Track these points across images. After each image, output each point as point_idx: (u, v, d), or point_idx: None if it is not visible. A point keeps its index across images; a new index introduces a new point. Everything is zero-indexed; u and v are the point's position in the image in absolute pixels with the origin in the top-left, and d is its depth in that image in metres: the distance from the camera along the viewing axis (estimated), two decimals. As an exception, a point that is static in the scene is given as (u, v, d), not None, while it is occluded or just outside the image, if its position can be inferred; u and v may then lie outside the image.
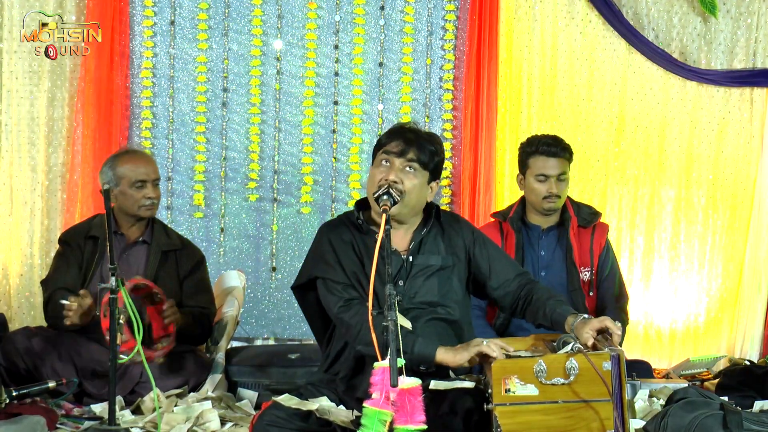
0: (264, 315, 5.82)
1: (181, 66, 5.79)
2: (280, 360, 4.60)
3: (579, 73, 5.81)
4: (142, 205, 4.34)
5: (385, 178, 3.22)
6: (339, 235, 3.33)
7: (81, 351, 4.18)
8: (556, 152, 4.35)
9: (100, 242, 4.29)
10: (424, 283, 3.29)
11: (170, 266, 4.41)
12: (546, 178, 4.34)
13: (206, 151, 5.81)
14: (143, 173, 4.34)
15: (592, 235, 4.46)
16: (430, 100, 5.89)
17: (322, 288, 3.29)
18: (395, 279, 3.25)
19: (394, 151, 3.25)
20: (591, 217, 4.49)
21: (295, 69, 5.85)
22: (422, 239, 3.33)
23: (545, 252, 4.42)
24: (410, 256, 3.31)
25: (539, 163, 4.36)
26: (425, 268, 3.30)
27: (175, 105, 5.80)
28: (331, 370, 3.35)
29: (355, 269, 3.26)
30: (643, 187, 5.83)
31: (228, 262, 5.77)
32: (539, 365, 2.83)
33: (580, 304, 4.33)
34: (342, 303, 3.21)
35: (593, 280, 4.43)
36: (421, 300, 3.28)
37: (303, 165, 5.86)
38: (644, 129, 5.83)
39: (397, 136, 3.29)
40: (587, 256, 4.43)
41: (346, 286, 3.24)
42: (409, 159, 3.25)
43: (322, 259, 3.31)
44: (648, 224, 5.83)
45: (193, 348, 4.41)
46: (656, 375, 4.90)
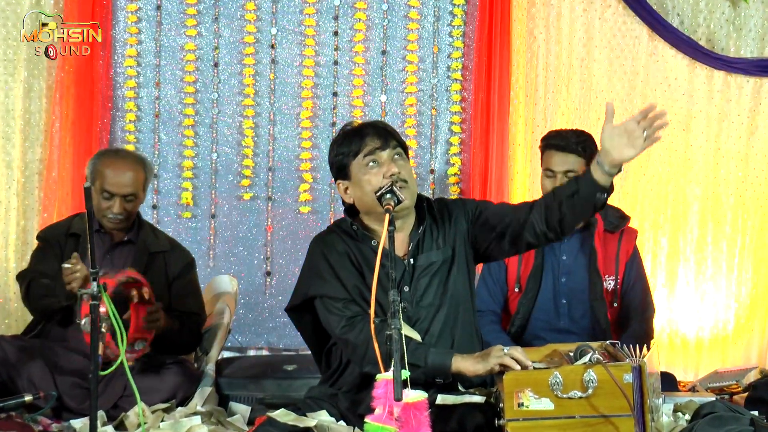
0: (258, 323, 5.81)
1: (168, 54, 5.79)
2: (276, 371, 4.60)
3: (598, 62, 5.80)
4: (104, 216, 4.32)
5: (389, 174, 3.23)
6: (332, 247, 3.34)
7: (60, 362, 4.17)
8: (564, 146, 4.29)
9: (82, 240, 4.28)
10: (429, 283, 3.31)
11: (158, 269, 4.40)
12: (553, 174, 4.32)
13: (195, 146, 5.81)
14: (114, 184, 4.28)
15: (619, 240, 4.43)
16: (437, 91, 5.89)
17: (321, 308, 3.30)
18: (399, 285, 3.26)
19: (377, 146, 3.27)
20: (618, 221, 4.46)
21: (292, 57, 5.85)
22: (419, 239, 3.34)
23: (567, 256, 4.40)
24: (411, 258, 3.32)
25: (549, 157, 4.35)
26: (428, 267, 3.32)
27: (162, 96, 5.80)
28: (336, 385, 3.35)
29: (355, 281, 3.27)
30: (667, 185, 5.82)
31: (219, 266, 5.77)
32: (555, 377, 2.82)
33: (602, 315, 4.32)
34: (344, 323, 3.22)
35: (617, 290, 4.41)
36: (429, 302, 3.29)
37: (300, 161, 5.86)
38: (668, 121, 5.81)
39: (365, 134, 3.32)
40: (612, 264, 4.41)
41: (347, 302, 3.25)
42: (393, 146, 3.30)
43: (317, 275, 3.31)
44: (672, 225, 5.83)
45: (181, 358, 4.40)
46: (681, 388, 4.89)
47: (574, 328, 4.36)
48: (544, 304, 4.39)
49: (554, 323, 4.37)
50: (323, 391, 3.37)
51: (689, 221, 5.84)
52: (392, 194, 3.13)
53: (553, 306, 4.39)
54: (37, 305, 4.21)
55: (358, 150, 3.30)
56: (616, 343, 3.15)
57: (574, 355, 3.05)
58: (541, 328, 4.37)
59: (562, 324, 4.38)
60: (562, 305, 4.38)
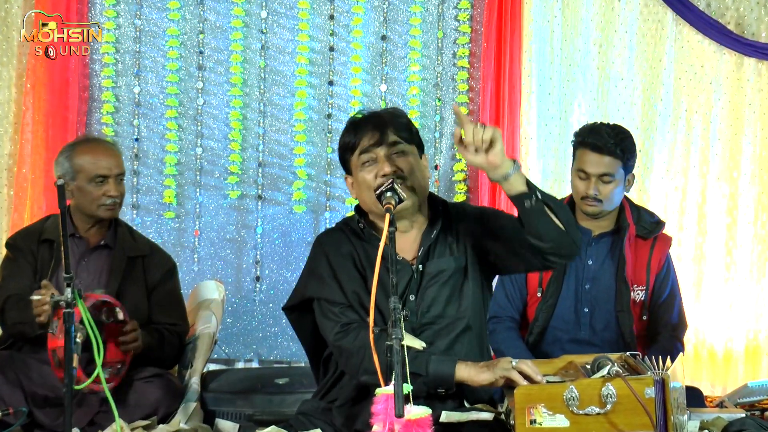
0: (246, 333, 5.82)
1: (149, 40, 5.80)
2: (266, 386, 4.60)
3: (617, 48, 5.81)
4: (101, 204, 4.33)
5: (381, 174, 3.22)
6: (336, 247, 3.33)
7: (32, 375, 4.17)
8: (602, 147, 4.25)
9: (56, 246, 4.29)
10: (438, 292, 3.29)
11: (137, 275, 4.40)
12: (587, 176, 4.29)
13: (178, 140, 5.82)
14: (105, 167, 4.34)
15: (652, 248, 4.41)
16: (442, 80, 5.89)
17: (318, 311, 3.30)
18: (404, 294, 3.25)
19: (371, 143, 3.26)
20: (652, 226, 4.44)
21: (284, 43, 5.86)
22: (431, 243, 3.33)
23: (593, 261, 4.39)
24: (420, 264, 3.31)
25: (583, 156, 4.31)
26: (438, 275, 3.30)
27: (142, 85, 5.80)
28: (328, 397, 3.35)
29: (355, 287, 3.26)
30: (692, 182, 5.83)
31: (204, 271, 5.77)
32: (570, 392, 2.82)
33: (627, 328, 4.31)
34: (338, 329, 3.22)
35: (647, 303, 4.40)
36: (437, 313, 3.28)
37: (293, 156, 5.86)
38: (693, 113, 5.83)
39: (363, 128, 3.30)
40: (643, 273, 4.40)
41: (344, 307, 3.25)
42: (391, 143, 3.26)
43: (317, 275, 3.31)
44: (698, 225, 5.83)
45: (163, 371, 4.40)
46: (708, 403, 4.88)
47: (595, 339, 4.35)
48: (565, 311, 4.38)
49: (574, 333, 4.36)
50: (316, 405, 3.37)
51: (716, 221, 5.84)
52: (393, 192, 3.11)
53: (573, 314, 4.38)
54: (12, 330, 4.23)
55: (354, 146, 3.30)
56: (637, 355, 3.15)
57: (591, 367, 3.04)
58: (560, 338, 4.36)
59: (582, 335, 4.37)
60: (584, 314, 4.37)
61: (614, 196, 4.31)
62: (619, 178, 4.28)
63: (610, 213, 4.38)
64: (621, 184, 4.31)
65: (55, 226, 4.34)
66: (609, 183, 4.27)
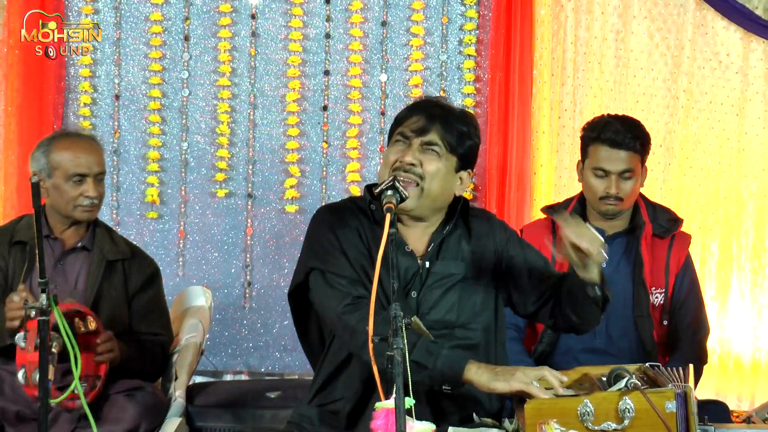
0: (236, 342, 5.82)
1: (130, 26, 5.80)
2: (256, 400, 4.60)
3: (636, 35, 5.81)
4: (78, 205, 4.33)
5: (399, 159, 3.24)
6: (342, 219, 3.34)
7: (3, 388, 4.17)
8: (622, 142, 4.27)
9: (29, 248, 4.29)
10: (442, 296, 3.30)
11: (116, 280, 4.40)
12: (606, 174, 4.30)
13: (162, 134, 5.82)
14: (84, 164, 4.33)
15: (670, 247, 4.42)
16: (447, 70, 5.89)
17: (320, 282, 3.28)
18: (407, 288, 3.26)
19: (413, 128, 3.29)
20: (670, 224, 4.45)
21: (276, 29, 5.86)
22: (443, 241, 3.33)
23: (607, 264, 4.37)
24: (427, 261, 3.31)
25: (600, 153, 4.31)
26: (444, 278, 3.31)
27: (123, 75, 5.80)
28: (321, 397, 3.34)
29: (363, 261, 3.27)
30: (718, 180, 5.83)
31: (190, 276, 5.77)
32: (585, 406, 2.83)
33: (647, 335, 4.31)
34: (349, 300, 3.20)
35: (667, 306, 4.41)
36: (438, 318, 3.28)
37: (286, 151, 5.86)
38: (719, 106, 5.83)
39: (418, 111, 3.34)
40: (661, 275, 4.41)
41: (353, 281, 3.24)
42: (429, 139, 3.28)
43: (322, 247, 3.31)
44: (724, 227, 5.83)
45: (145, 384, 4.41)
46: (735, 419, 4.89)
47: (612, 349, 4.35)
48: None
49: (589, 342, 4.36)
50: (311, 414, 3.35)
51: (744, 222, 5.84)
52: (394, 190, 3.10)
53: None
54: None
55: (400, 122, 3.36)
56: (657, 366, 3.15)
57: (607, 379, 3.05)
58: (573, 348, 4.37)
59: (598, 343, 4.37)
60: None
61: (634, 193, 4.34)
62: (638, 174, 4.31)
63: (627, 211, 4.39)
64: (639, 179, 4.34)
65: (28, 226, 4.34)
66: (629, 179, 4.30)
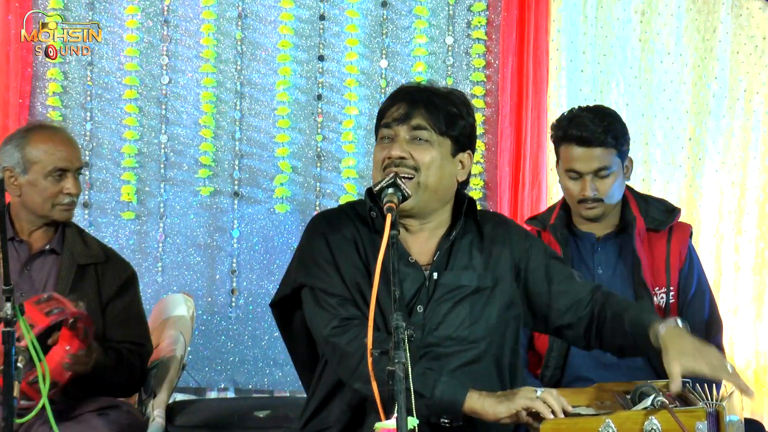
0: (220, 356, 5.82)
1: (104, 7, 5.80)
2: (243, 419, 4.61)
3: (663, 16, 5.81)
4: (58, 203, 4.33)
5: (387, 156, 3.23)
6: (338, 230, 3.33)
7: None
8: (591, 138, 4.25)
9: (-6, 251, 4.30)
10: (451, 310, 3.29)
11: (88, 285, 4.40)
12: (579, 176, 4.30)
13: (139, 126, 5.83)
14: (65, 158, 4.32)
15: (668, 240, 4.42)
16: (454, 55, 5.90)
17: (310, 300, 3.29)
18: (412, 303, 3.25)
19: (396, 117, 3.28)
20: (665, 216, 4.44)
21: (265, 10, 5.87)
22: (451, 248, 3.32)
23: (603, 269, 4.40)
24: (434, 272, 3.30)
25: (570, 153, 4.30)
26: (454, 290, 3.29)
27: (95, 62, 5.80)
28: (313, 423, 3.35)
29: (358, 278, 3.26)
30: (752, 177, 5.83)
31: (170, 282, 5.78)
32: (607, 426, 2.83)
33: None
34: (336, 323, 3.21)
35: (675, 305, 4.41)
36: (447, 334, 3.27)
37: (276, 145, 5.87)
38: (753, 94, 5.84)
39: (400, 98, 3.33)
40: (662, 272, 4.40)
41: (344, 300, 3.25)
42: (415, 124, 3.27)
43: (312, 260, 3.31)
44: (759, 228, 5.84)
45: (121, 401, 4.41)
46: (772, 440, 4.90)
47: (624, 360, 4.36)
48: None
49: (599, 357, 4.35)
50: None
51: (780, 223, 5.86)
52: (396, 188, 3.10)
53: None
54: None
55: (381, 115, 3.35)
56: (687, 382, 3.15)
57: (631, 397, 3.05)
58: (584, 366, 4.37)
59: (608, 357, 4.37)
60: None
61: (615, 191, 4.32)
62: (617, 169, 4.29)
63: (614, 209, 4.39)
64: (620, 175, 4.32)
65: (-7, 227, 4.34)
66: (606, 177, 4.27)
